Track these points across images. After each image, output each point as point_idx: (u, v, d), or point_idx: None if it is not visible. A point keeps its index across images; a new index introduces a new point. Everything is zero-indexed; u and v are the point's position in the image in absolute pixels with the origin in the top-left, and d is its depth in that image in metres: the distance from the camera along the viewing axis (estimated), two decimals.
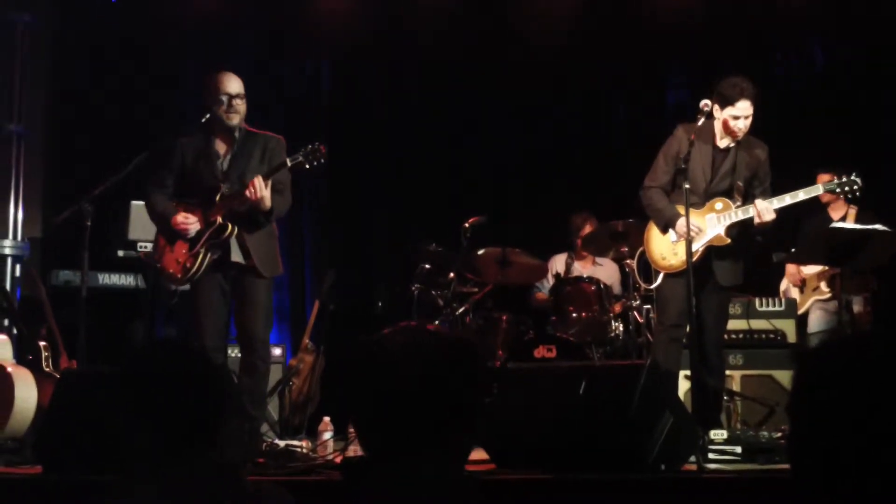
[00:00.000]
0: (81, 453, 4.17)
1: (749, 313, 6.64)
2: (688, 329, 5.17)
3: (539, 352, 6.32)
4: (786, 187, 5.27)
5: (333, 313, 7.41)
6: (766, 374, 6.46)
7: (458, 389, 1.76)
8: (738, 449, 4.91)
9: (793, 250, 6.17)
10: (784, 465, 4.43)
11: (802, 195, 5.22)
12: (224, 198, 5.07)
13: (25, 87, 7.82)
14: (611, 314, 6.77)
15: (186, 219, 5.11)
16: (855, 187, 5.29)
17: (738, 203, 5.26)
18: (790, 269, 7.10)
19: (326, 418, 5.41)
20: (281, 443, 5.46)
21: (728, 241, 5.26)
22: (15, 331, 6.08)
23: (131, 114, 7.99)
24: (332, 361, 7.17)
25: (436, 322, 6.85)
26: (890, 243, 5.52)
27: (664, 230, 5.41)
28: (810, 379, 1.48)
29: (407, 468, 1.72)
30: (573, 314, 6.79)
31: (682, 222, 5.15)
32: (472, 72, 8.62)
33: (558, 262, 7.54)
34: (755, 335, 6.61)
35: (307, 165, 5.02)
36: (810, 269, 6.96)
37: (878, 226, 5.57)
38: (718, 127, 5.30)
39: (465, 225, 6.88)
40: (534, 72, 8.56)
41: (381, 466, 1.73)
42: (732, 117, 5.19)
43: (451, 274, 7.02)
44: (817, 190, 5.31)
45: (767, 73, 8.30)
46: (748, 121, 5.21)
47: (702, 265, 5.21)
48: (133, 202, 7.00)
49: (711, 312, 5.31)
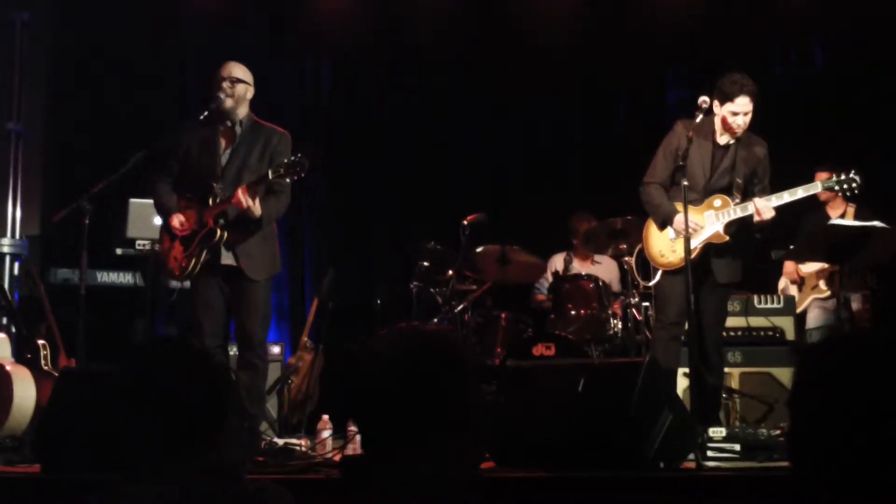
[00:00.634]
0: (80, 452, 4.17)
1: (748, 311, 6.64)
2: (686, 326, 5.17)
3: (538, 349, 6.32)
4: (784, 185, 5.26)
5: (332, 311, 7.41)
6: (765, 372, 6.47)
7: (444, 386, 1.76)
8: (737, 446, 4.92)
9: (791, 248, 6.17)
10: (783, 463, 4.44)
11: (802, 193, 5.22)
12: (216, 201, 5.06)
13: (25, 85, 7.82)
14: (610, 312, 6.77)
15: (181, 224, 5.12)
16: (854, 185, 5.28)
17: (737, 200, 5.26)
18: (788, 267, 7.10)
19: (325, 416, 5.41)
20: (280, 441, 5.46)
21: (726, 238, 5.26)
22: (14, 329, 6.08)
23: (130, 112, 7.99)
24: (330, 360, 7.17)
25: (434, 320, 6.86)
26: (889, 241, 5.52)
27: (662, 227, 5.41)
28: (810, 376, 1.49)
29: (405, 466, 1.72)
30: (572, 312, 6.79)
31: (679, 219, 5.15)
32: (472, 71, 8.63)
33: (557, 262, 7.54)
34: (754, 332, 6.61)
35: (287, 179, 4.96)
36: (809, 268, 6.97)
37: (876, 223, 5.57)
38: (718, 123, 5.30)
39: (464, 222, 6.88)
40: (534, 71, 8.57)
41: (381, 465, 1.74)
42: (731, 113, 5.19)
43: (450, 272, 7.02)
44: (816, 188, 5.30)
45: (767, 71, 8.30)
46: (747, 118, 5.21)
47: (700, 262, 5.21)
48: (132, 200, 7.00)
49: (710, 310, 5.30)
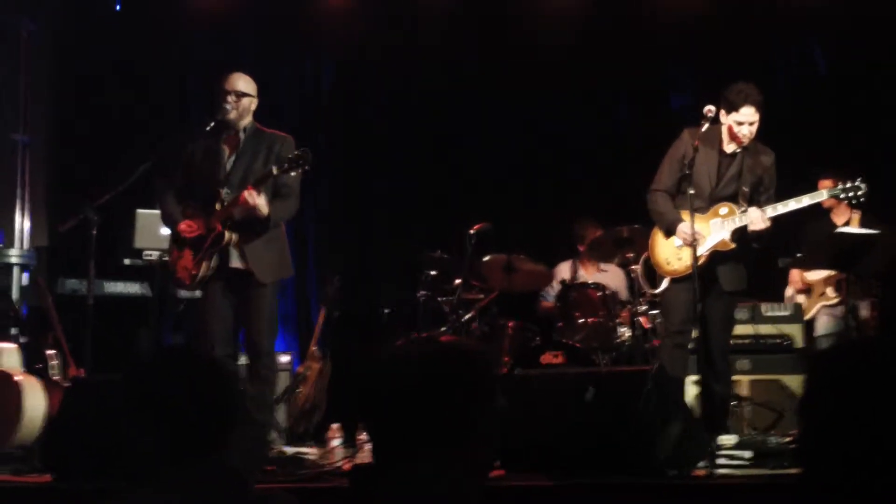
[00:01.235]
0: (90, 461, 4.18)
1: (756, 318, 6.64)
2: (694, 334, 5.16)
3: (545, 358, 6.32)
4: (788, 192, 5.26)
5: (339, 320, 7.41)
6: (774, 379, 6.46)
7: (461, 398, 1.77)
8: (748, 454, 4.91)
9: (798, 256, 6.16)
10: (793, 470, 4.43)
11: (807, 201, 5.21)
12: (224, 205, 5.08)
13: (31, 96, 7.83)
14: (617, 320, 6.77)
15: (190, 227, 5.13)
16: (860, 193, 5.28)
17: (743, 208, 5.26)
18: (793, 276, 7.08)
19: (335, 425, 5.41)
20: (289, 450, 5.47)
21: (732, 245, 5.25)
22: (22, 339, 6.09)
23: (136, 121, 8.01)
24: (338, 368, 7.17)
25: (441, 329, 6.87)
26: (893, 247, 5.51)
27: (667, 235, 5.42)
28: (820, 383, 1.49)
29: (415, 476, 1.72)
30: (579, 320, 6.79)
31: (682, 227, 5.16)
32: (476, 76, 8.63)
33: (563, 270, 7.54)
34: (762, 340, 6.60)
35: (292, 172, 5.00)
36: (815, 275, 6.95)
37: (881, 230, 5.56)
38: (724, 132, 5.31)
39: (471, 232, 6.88)
40: (537, 76, 8.58)
41: (390, 474, 1.74)
42: (736, 123, 5.20)
43: (456, 281, 7.02)
44: (822, 196, 5.29)
45: (769, 77, 8.31)
46: (753, 127, 5.21)
47: (706, 270, 5.20)
48: (138, 210, 7.01)
49: (716, 317, 5.29)
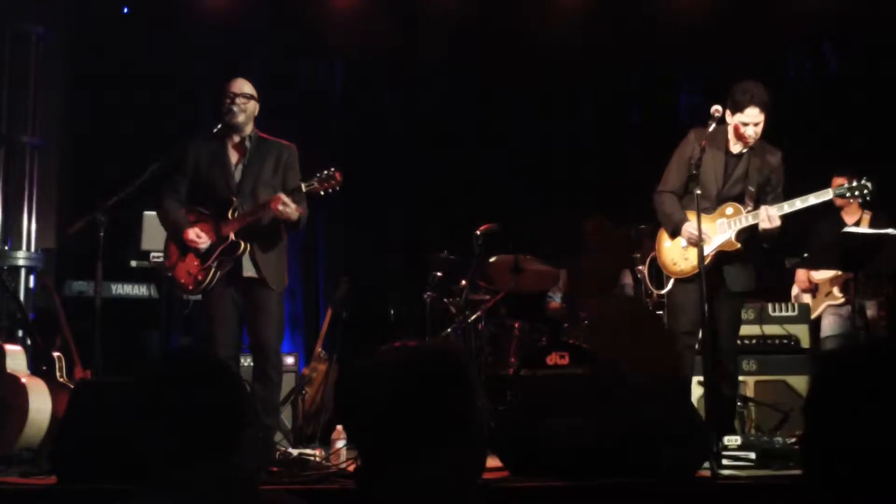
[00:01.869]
0: (96, 463, 4.19)
1: (762, 319, 6.62)
2: (700, 335, 5.16)
3: (552, 359, 6.33)
4: (799, 191, 5.25)
5: (346, 321, 7.43)
6: (780, 380, 6.45)
7: (441, 402, 1.77)
8: (753, 455, 4.90)
9: (805, 255, 6.15)
10: (798, 471, 4.42)
11: (813, 199, 5.20)
12: (237, 214, 5.10)
13: (39, 98, 7.86)
14: None
15: (199, 236, 5.15)
16: (866, 192, 5.27)
17: (749, 208, 5.25)
18: (800, 276, 7.07)
19: (339, 427, 5.41)
20: (294, 451, 5.47)
21: (738, 246, 5.25)
22: (29, 341, 6.11)
23: (145, 124, 8.04)
24: (344, 370, 7.17)
25: (448, 330, 6.87)
26: None
27: (673, 235, 5.41)
28: (827, 384, 1.48)
29: (415, 477, 1.73)
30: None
31: (687, 227, 5.15)
32: (486, 78, 8.64)
33: None
34: (768, 341, 6.59)
35: (321, 192, 5.07)
36: (821, 275, 6.94)
37: (890, 230, 5.54)
38: (731, 132, 5.30)
39: (477, 232, 6.88)
40: (545, 76, 8.58)
41: (393, 475, 1.74)
42: (742, 123, 5.19)
43: (463, 281, 7.03)
44: (828, 194, 5.28)
45: (780, 76, 8.30)
46: (758, 127, 5.20)
47: (712, 271, 5.19)
48: (146, 212, 7.03)
49: (723, 318, 5.29)
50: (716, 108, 5.15)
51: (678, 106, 8.76)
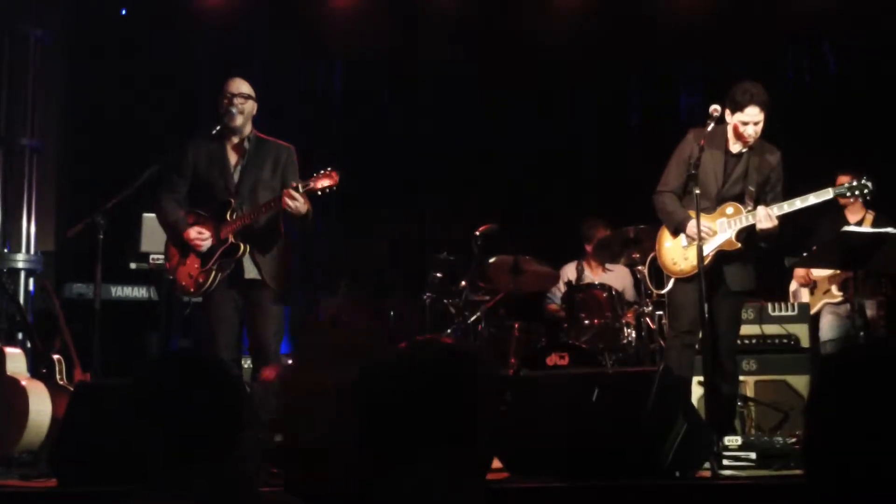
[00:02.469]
0: (96, 466, 4.19)
1: (762, 318, 6.62)
2: (700, 335, 5.16)
3: (551, 359, 6.32)
4: (801, 190, 5.25)
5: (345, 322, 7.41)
6: (780, 380, 6.44)
7: (458, 399, 1.77)
8: (753, 455, 4.90)
9: (805, 255, 6.14)
10: (799, 471, 4.42)
11: (813, 199, 5.20)
12: (237, 215, 5.10)
13: (39, 101, 7.86)
14: (623, 321, 6.76)
15: (200, 234, 5.15)
16: (866, 191, 5.28)
17: (749, 208, 5.25)
18: (798, 270, 7.07)
19: None
20: None
21: (738, 245, 5.25)
22: (29, 344, 6.10)
23: (144, 126, 8.03)
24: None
25: (448, 331, 6.86)
26: None
27: (675, 233, 5.41)
28: (828, 384, 1.48)
29: (418, 479, 1.72)
30: (585, 321, 6.78)
31: (692, 225, 5.16)
32: (484, 78, 8.64)
33: (569, 271, 7.53)
34: (769, 340, 6.58)
35: (319, 192, 5.06)
36: (821, 271, 6.93)
37: (890, 229, 5.54)
38: (730, 132, 5.30)
39: (476, 233, 6.88)
40: (547, 77, 8.58)
41: (393, 476, 1.74)
42: (741, 123, 5.19)
43: (462, 282, 7.03)
44: (828, 194, 5.27)
45: (780, 76, 8.31)
46: (758, 127, 5.20)
47: (712, 270, 5.20)
48: (145, 214, 7.03)
49: (723, 318, 5.29)
50: (714, 108, 5.15)
51: (678, 106, 8.76)
